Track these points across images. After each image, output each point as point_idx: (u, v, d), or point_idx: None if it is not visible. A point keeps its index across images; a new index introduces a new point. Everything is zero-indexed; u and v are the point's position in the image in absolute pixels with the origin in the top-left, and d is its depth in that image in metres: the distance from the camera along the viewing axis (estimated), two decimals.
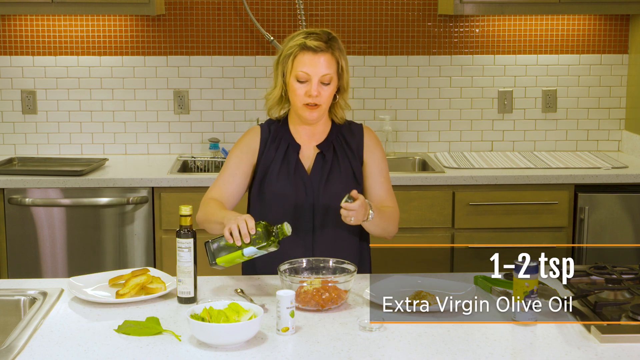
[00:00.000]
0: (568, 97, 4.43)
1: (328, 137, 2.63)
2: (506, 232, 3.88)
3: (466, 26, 4.35)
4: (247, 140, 2.64)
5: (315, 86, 2.49)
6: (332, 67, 2.51)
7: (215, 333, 1.97)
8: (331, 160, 2.59)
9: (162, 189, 3.81)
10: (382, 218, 2.53)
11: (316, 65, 2.49)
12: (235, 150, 2.63)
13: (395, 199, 2.67)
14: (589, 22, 4.36)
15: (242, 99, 4.38)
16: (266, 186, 2.57)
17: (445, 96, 4.41)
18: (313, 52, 2.49)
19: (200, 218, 2.55)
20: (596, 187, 3.88)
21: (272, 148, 2.60)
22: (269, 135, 2.62)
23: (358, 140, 2.64)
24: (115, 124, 4.37)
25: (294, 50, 2.51)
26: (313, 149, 2.62)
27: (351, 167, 2.61)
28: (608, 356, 1.93)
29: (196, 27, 4.32)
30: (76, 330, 2.09)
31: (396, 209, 2.64)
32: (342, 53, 2.54)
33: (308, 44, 2.49)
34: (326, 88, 2.51)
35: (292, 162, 2.58)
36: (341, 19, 4.33)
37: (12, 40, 4.28)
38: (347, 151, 2.62)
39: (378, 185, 2.63)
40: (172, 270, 2.49)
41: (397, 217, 2.63)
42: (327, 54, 2.50)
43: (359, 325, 2.09)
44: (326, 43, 2.51)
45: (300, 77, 2.50)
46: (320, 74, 2.49)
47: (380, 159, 2.65)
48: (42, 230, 3.82)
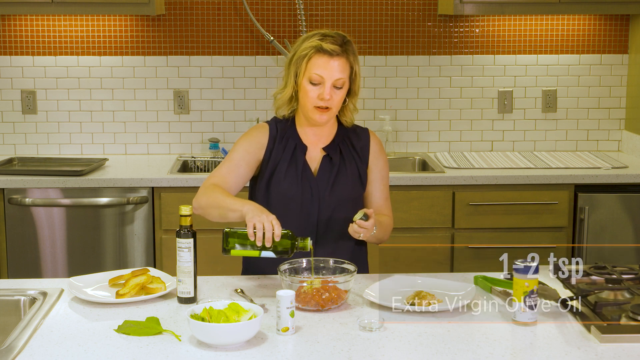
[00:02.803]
0: (568, 97, 4.43)
1: (334, 139, 2.62)
2: (506, 232, 3.88)
3: (466, 26, 4.35)
4: (255, 135, 2.61)
5: (329, 90, 2.48)
6: (345, 72, 2.50)
7: (215, 333, 1.97)
8: (338, 163, 2.59)
9: (162, 189, 3.81)
10: (380, 230, 2.55)
11: (331, 69, 2.48)
12: (242, 142, 2.59)
13: (391, 208, 2.70)
14: (589, 22, 4.36)
15: (242, 99, 4.38)
16: (273, 185, 2.56)
17: (445, 96, 4.41)
18: (329, 55, 2.48)
19: (202, 202, 2.47)
20: (596, 187, 3.88)
21: (279, 147, 2.59)
22: (277, 134, 2.60)
23: (364, 144, 2.64)
24: (115, 124, 4.37)
25: (309, 52, 2.49)
26: (320, 151, 2.61)
27: (357, 170, 2.61)
28: (608, 356, 1.93)
29: (196, 27, 4.32)
30: (76, 330, 2.09)
31: (391, 219, 2.67)
32: (356, 58, 2.53)
33: (324, 47, 2.47)
34: (338, 92, 2.50)
35: (300, 163, 2.57)
36: (341, 19, 4.33)
37: (12, 40, 4.28)
38: (353, 154, 2.62)
39: (378, 192, 2.65)
40: (172, 270, 2.49)
41: (391, 227, 2.66)
42: (342, 58, 2.49)
43: (359, 325, 2.09)
44: (341, 47, 2.49)
45: (314, 80, 2.49)
46: (334, 77, 2.48)
47: (384, 166, 2.67)
48: (42, 230, 3.82)
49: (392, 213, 2.70)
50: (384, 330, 2.08)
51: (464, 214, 3.86)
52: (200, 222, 3.03)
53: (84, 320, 2.17)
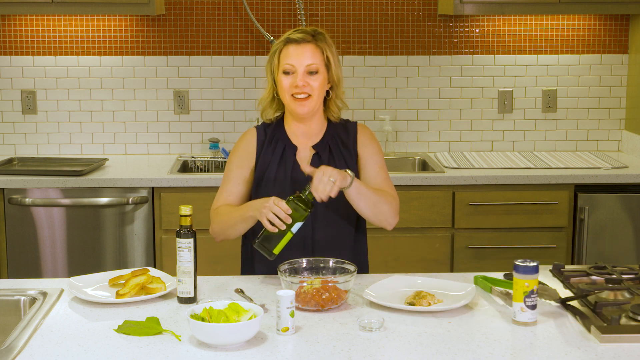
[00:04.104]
0: (568, 97, 4.43)
1: (324, 137, 2.60)
2: (506, 232, 3.88)
3: (466, 26, 4.35)
4: (243, 146, 2.62)
5: (301, 76, 2.48)
6: (317, 57, 2.50)
7: (215, 333, 1.97)
8: (327, 161, 2.56)
9: (162, 189, 3.81)
10: (369, 188, 2.47)
11: (300, 56, 2.48)
12: (234, 159, 2.61)
13: (394, 189, 2.59)
14: (589, 22, 4.36)
15: (242, 99, 4.38)
16: (263, 189, 2.56)
17: (445, 96, 4.41)
18: (296, 43, 2.50)
19: (217, 229, 2.55)
20: (596, 187, 3.88)
21: (268, 150, 2.58)
22: (265, 138, 2.60)
23: (352, 138, 2.61)
24: (115, 124, 4.37)
25: (279, 46, 2.53)
26: (310, 150, 2.59)
27: (346, 165, 2.57)
28: (608, 356, 1.93)
29: (196, 27, 4.32)
30: (76, 330, 2.09)
31: (394, 195, 2.55)
32: (329, 47, 2.53)
33: (291, 37, 2.51)
34: (314, 78, 2.49)
35: (289, 164, 2.56)
36: (341, 19, 4.33)
37: (12, 40, 4.28)
38: (342, 151, 2.59)
39: (373, 174, 2.58)
40: (172, 270, 2.49)
41: (392, 201, 2.53)
42: (311, 44, 2.50)
43: (359, 325, 2.09)
44: (310, 35, 2.51)
45: (287, 70, 2.50)
46: (305, 63, 2.48)
47: (375, 151, 2.61)
48: (42, 230, 3.82)
49: (397, 194, 2.61)
50: (384, 330, 2.08)
51: (464, 214, 3.86)
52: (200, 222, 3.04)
53: (84, 320, 2.17)
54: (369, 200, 2.46)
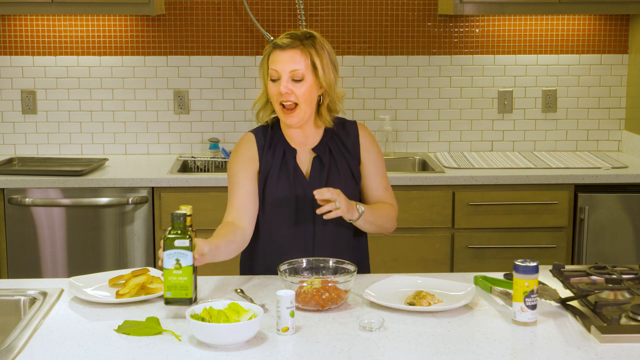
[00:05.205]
0: (568, 97, 4.43)
1: (323, 139, 2.57)
2: (506, 232, 3.88)
3: (466, 26, 4.35)
4: (245, 151, 2.57)
5: (285, 82, 2.43)
6: (301, 63, 2.43)
7: (215, 333, 1.97)
8: (328, 163, 2.55)
9: (162, 189, 3.81)
10: (375, 215, 2.50)
11: (283, 61, 2.43)
12: (236, 164, 2.55)
13: (394, 196, 2.64)
14: (589, 22, 4.36)
15: (242, 99, 4.38)
16: (267, 193, 2.53)
17: (445, 96, 4.41)
18: (281, 49, 2.44)
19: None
20: (596, 187, 3.88)
21: (269, 154, 2.55)
22: (264, 142, 2.56)
23: (353, 140, 2.59)
24: (115, 124, 4.37)
25: (268, 50, 2.49)
26: (309, 153, 2.57)
27: (349, 168, 2.57)
28: (608, 356, 1.93)
29: (196, 27, 4.32)
30: (76, 330, 2.09)
31: (394, 206, 2.60)
32: (318, 51, 2.44)
33: (277, 42, 2.46)
34: (298, 85, 2.44)
35: (291, 168, 2.54)
36: (341, 19, 4.33)
37: (12, 40, 4.28)
38: (343, 152, 2.57)
39: (375, 184, 2.60)
40: None
41: (393, 214, 2.59)
42: (295, 50, 2.43)
43: (359, 325, 2.09)
44: (298, 40, 2.44)
45: (272, 76, 2.46)
46: (288, 69, 2.43)
47: (377, 157, 2.61)
48: (42, 230, 3.82)
49: (396, 202, 2.65)
50: (384, 330, 2.08)
51: (464, 214, 3.86)
52: (200, 222, 3.04)
53: (84, 320, 2.17)
54: (373, 225, 2.51)
